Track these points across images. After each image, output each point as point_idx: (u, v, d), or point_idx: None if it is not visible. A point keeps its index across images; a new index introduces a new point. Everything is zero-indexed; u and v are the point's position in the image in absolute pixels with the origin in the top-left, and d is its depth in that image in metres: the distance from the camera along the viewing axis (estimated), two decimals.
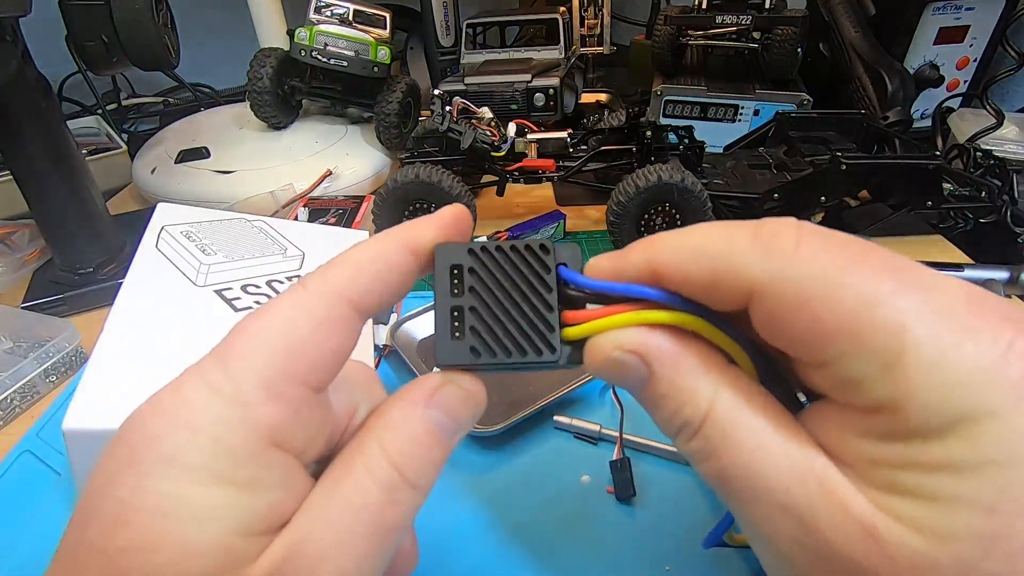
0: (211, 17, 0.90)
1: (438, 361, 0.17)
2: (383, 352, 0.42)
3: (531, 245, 0.18)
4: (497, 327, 0.17)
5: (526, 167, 0.54)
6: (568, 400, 0.37)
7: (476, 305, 0.17)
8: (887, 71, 0.62)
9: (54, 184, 0.47)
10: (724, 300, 0.16)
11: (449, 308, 0.17)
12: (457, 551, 0.30)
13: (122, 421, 0.15)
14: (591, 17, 0.77)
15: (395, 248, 0.18)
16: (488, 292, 0.17)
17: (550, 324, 0.17)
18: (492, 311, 0.17)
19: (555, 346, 0.17)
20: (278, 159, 0.65)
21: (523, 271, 0.18)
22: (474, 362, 0.17)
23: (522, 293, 0.17)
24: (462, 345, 0.17)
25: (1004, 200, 0.49)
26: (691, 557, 0.29)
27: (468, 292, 0.17)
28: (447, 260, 0.17)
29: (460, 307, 0.17)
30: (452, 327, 0.17)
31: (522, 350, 0.17)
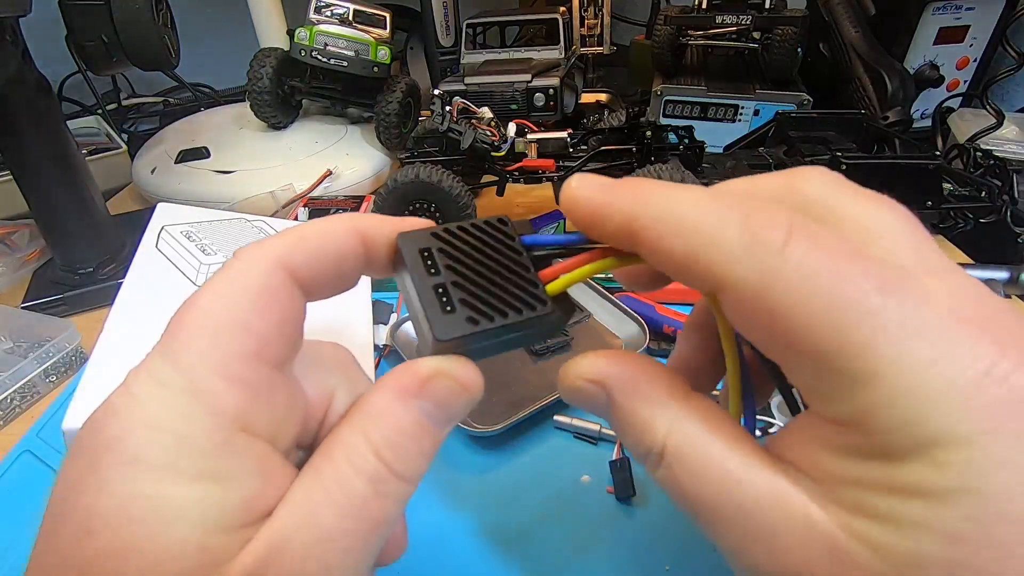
0: (211, 17, 0.90)
1: (437, 337, 0.16)
2: (383, 352, 0.42)
3: (488, 221, 0.18)
4: (485, 294, 0.17)
5: (526, 167, 0.53)
6: None
7: (458, 279, 0.17)
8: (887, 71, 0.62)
9: (54, 184, 0.47)
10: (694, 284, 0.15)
11: (431, 287, 0.17)
12: (457, 551, 0.30)
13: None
14: (591, 17, 0.77)
15: (343, 228, 0.17)
16: (465, 266, 0.17)
17: (532, 281, 0.17)
18: (476, 281, 0.17)
19: (544, 299, 0.17)
20: (278, 159, 0.65)
21: (490, 243, 0.18)
22: (474, 330, 0.16)
23: (497, 261, 0.17)
24: (457, 318, 0.16)
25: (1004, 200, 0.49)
26: (691, 557, 0.29)
27: (446, 269, 0.17)
28: (414, 245, 0.17)
29: (443, 284, 0.17)
30: (442, 304, 0.16)
31: (517, 309, 0.17)
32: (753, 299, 0.14)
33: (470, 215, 0.51)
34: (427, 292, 0.16)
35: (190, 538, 0.14)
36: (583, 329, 0.42)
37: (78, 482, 0.14)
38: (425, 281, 0.17)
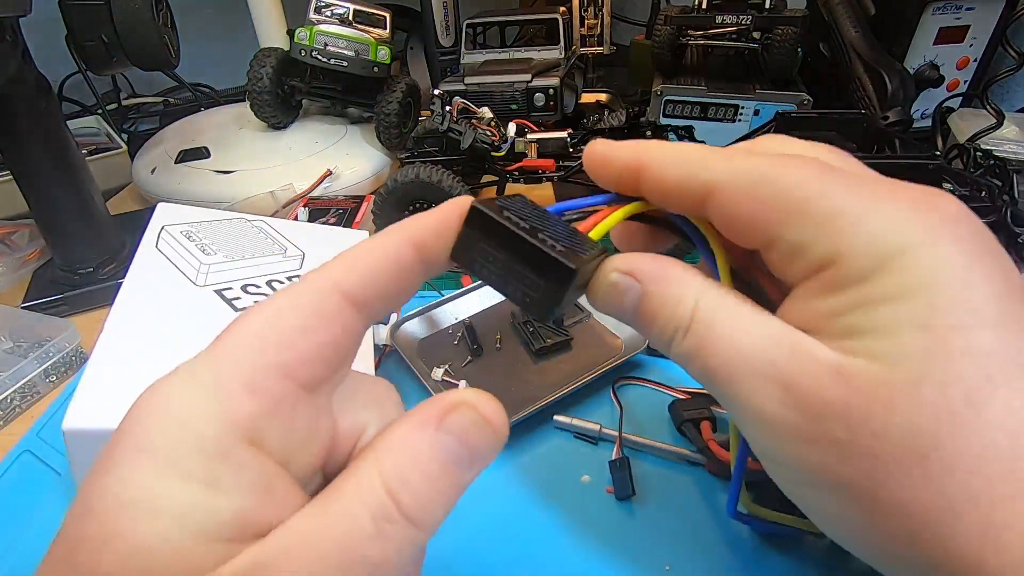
0: (211, 17, 0.90)
1: (574, 267, 0.17)
2: (383, 352, 0.42)
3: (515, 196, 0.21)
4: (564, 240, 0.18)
5: (526, 167, 0.54)
6: (568, 400, 0.37)
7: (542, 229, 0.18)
8: (887, 71, 0.62)
9: (54, 184, 0.47)
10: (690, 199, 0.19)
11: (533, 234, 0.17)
12: (456, 551, 0.30)
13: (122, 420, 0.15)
14: (591, 17, 0.77)
15: (395, 241, 0.17)
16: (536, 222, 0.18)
17: (578, 233, 0.19)
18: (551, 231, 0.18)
19: (595, 244, 0.19)
20: (278, 159, 0.65)
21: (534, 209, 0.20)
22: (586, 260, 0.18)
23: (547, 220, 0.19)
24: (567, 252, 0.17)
25: (1004, 200, 0.49)
26: (691, 557, 0.29)
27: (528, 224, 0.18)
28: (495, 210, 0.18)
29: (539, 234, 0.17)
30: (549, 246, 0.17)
31: (588, 250, 0.19)
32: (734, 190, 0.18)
33: None
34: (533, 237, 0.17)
35: (170, 537, 0.13)
36: (583, 329, 0.42)
37: (98, 465, 0.14)
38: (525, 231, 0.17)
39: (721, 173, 0.18)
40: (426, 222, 0.18)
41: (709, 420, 0.34)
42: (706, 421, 0.34)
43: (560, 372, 0.39)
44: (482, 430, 0.16)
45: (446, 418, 0.15)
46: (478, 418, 0.16)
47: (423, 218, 0.18)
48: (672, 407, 0.36)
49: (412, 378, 0.40)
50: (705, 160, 0.19)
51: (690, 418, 0.34)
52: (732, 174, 0.18)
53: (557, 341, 0.41)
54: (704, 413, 0.34)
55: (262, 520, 0.14)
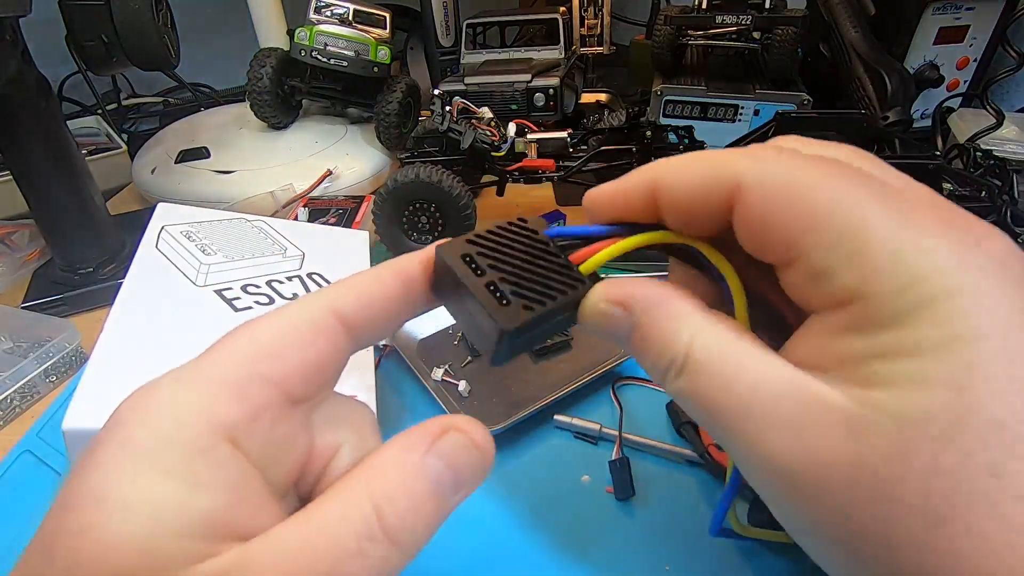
0: (211, 17, 0.90)
1: (503, 328, 0.17)
2: (383, 352, 0.42)
3: (511, 222, 0.19)
4: (532, 283, 0.18)
5: (526, 167, 0.53)
6: (568, 400, 0.37)
7: (504, 275, 0.18)
8: (887, 71, 0.62)
9: (54, 184, 0.47)
10: (713, 203, 0.17)
11: (483, 286, 0.17)
12: (456, 551, 0.30)
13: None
14: (591, 17, 0.77)
15: (388, 271, 0.18)
16: (506, 263, 0.18)
17: (567, 265, 0.19)
18: (520, 274, 0.18)
19: (583, 279, 0.19)
20: (278, 159, 0.65)
21: (520, 239, 0.19)
22: (533, 316, 0.17)
23: (531, 254, 0.19)
24: (513, 308, 0.17)
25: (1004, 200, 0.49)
26: (691, 557, 0.29)
27: (490, 269, 0.18)
28: (455, 253, 0.18)
29: (492, 282, 0.17)
30: (497, 299, 0.17)
31: (562, 291, 0.18)
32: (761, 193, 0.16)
33: (470, 215, 0.51)
34: (481, 291, 0.17)
35: (144, 531, 0.13)
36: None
37: (81, 462, 0.14)
38: (475, 282, 0.17)
39: (748, 172, 0.16)
40: (413, 261, 0.18)
41: None
42: None
43: (560, 372, 0.39)
44: (470, 455, 0.16)
45: (436, 442, 0.16)
46: (468, 443, 0.16)
47: (412, 257, 0.19)
48: (670, 406, 0.36)
49: (412, 378, 0.40)
50: (728, 159, 0.17)
51: (689, 420, 0.34)
52: (761, 173, 0.16)
53: (557, 341, 0.41)
54: None
55: (236, 521, 0.14)
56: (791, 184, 0.16)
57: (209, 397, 0.15)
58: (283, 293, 0.36)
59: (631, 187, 0.19)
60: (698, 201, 0.18)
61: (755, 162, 0.16)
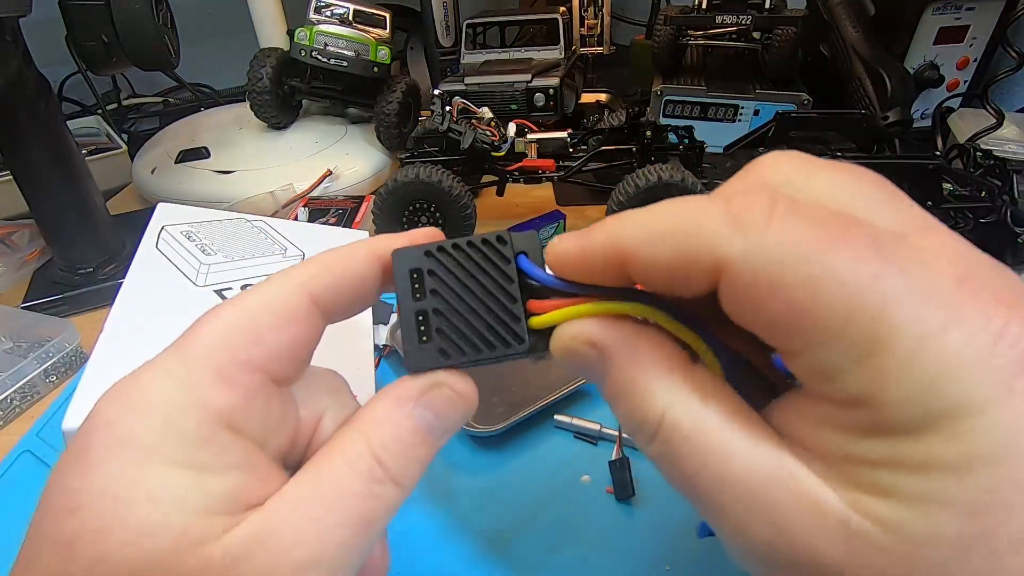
0: (211, 17, 0.90)
1: (408, 369, 0.17)
2: (383, 352, 0.42)
3: (487, 239, 0.18)
4: (463, 325, 0.17)
5: (526, 167, 0.53)
6: (568, 400, 0.37)
7: (439, 307, 0.17)
8: (887, 71, 0.62)
9: (54, 184, 0.47)
10: (692, 281, 0.14)
11: (413, 313, 0.17)
12: (456, 550, 0.30)
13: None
14: (591, 17, 0.77)
15: (362, 252, 0.18)
16: (450, 292, 0.17)
17: (514, 315, 0.17)
18: (456, 310, 0.17)
19: (523, 336, 0.17)
20: (278, 159, 0.65)
21: (482, 266, 0.17)
22: (444, 364, 0.17)
23: (483, 288, 0.17)
24: (430, 348, 0.17)
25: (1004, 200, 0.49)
26: (691, 557, 0.29)
27: (430, 295, 0.17)
28: (405, 265, 0.17)
29: (424, 311, 0.17)
30: (419, 332, 0.17)
31: (490, 345, 0.17)
32: (751, 278, 0.13)
33: (470, 215, 0.51)
34: (408, 318, 0.17)
35: (172, 518, 0.14)
36: None
37: (69, 464, 0.15)
38: (409, 305, 0.17)
39: (729, 249, 0.13)
40: (394, 242, 0.18)
41: None
42: None
43: (560, 372, 0.39)
44: (455, 404, 0.18)
45: (424, 395, 0.17)
46: (453, 395, 0.17)
47: (392, 239, 0.19)
48: None
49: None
50: (704, 228, 0.14)
51: None
52: (749, 255, 0.13)
53: None
54: None
55: (253, 494, 0.15)
56: (787, 266, 0.13)
57: (199, 387, 0.15)
58: None
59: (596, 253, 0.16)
60: (674, 279, 0.15)
61: (741, 236, 0.13)
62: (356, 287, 0.18)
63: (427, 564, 0.30)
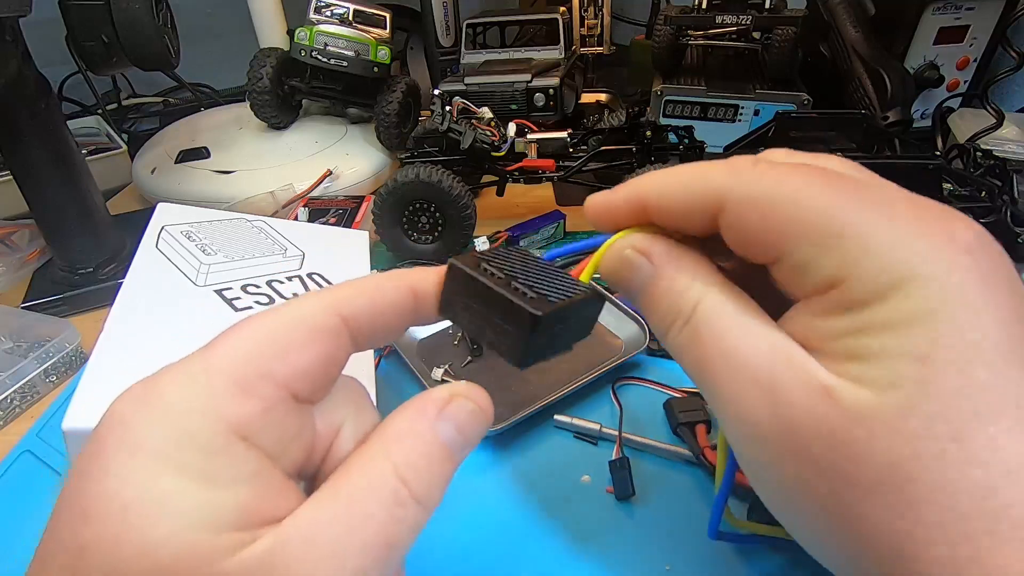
0: (211, 17, 0.90)
1: (537, 314, 0.17)
2: (383, 352, 0.42)
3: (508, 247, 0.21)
4: (543, 287, 0.18)
5: (526, 167, 0.53)
6: (568, 400, 0.37)
7: (516, 283, 0.18)
8: (887, 71, 0.62)
9: (54, 184, 0.47)
10: (699, 216, 0.19)
11: (505, 284, 0.18)
12: (456, 551, 0.30)
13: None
14: (591, 17, 0.77)
15: (398, 282, 0.18)
16: (516, 272, 0.19)
17: (567, 276, 0.20)
18: (530, 281, 0.18)
19: (584, 286, 0.19)
20: (278, 159, 0.65)
21: (522, 258, 0.20)
22: (561, 305, 0.18)
23: (534, 268, 0.19)
24: (540, 300, 0.17)
25: (1004, 200, 0.49)
26: (691, 557, 0.29)
27: (504, 275, 0.18)
28: (472, 264, 0.19)
29: (514, 284, 0.18)
30: (520, 294, 0.18)
31: (576, 293, 0.19)
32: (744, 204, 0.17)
33: (470, 215, 0.51)
34: (507, 289, 0.18)
35: (179, 532, 0.14)
36: None
37: (84, 468, 0.14)
38: (500, 282, 0.18)
39: (727, 188, 0.18)
40: (428, 275, 0.19)
41: (704, 423, 0.34)
42: (701, 424, 0.34)
43: (560, 372, 0.39)
44: (475, 418, 0.18)
45: (445, 409, 0.17)
46: (473, 407, 0.18)
47: (427, 271, 0.19)
48: (667, 405, 0.36)
49: (412, 378, 0.40)
50: (708, 176, 0.18)
51: (685, 421, 0.34)
52: (738, 188, 0.17)
53: None
54: (699, 415, 0.34)
55: (264, 510, 0.15)
56: (769, 195, 0.17)
57: (218, 396, 0.15)
58: (283, 293, 0.36)
59: (621, 200, 0.20)
60: (684, 215, 0.19)
61: (735, 176, 0.18)
62: (389, 314, 0.18)
63: (426, 564, 0.30)
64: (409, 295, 0.18)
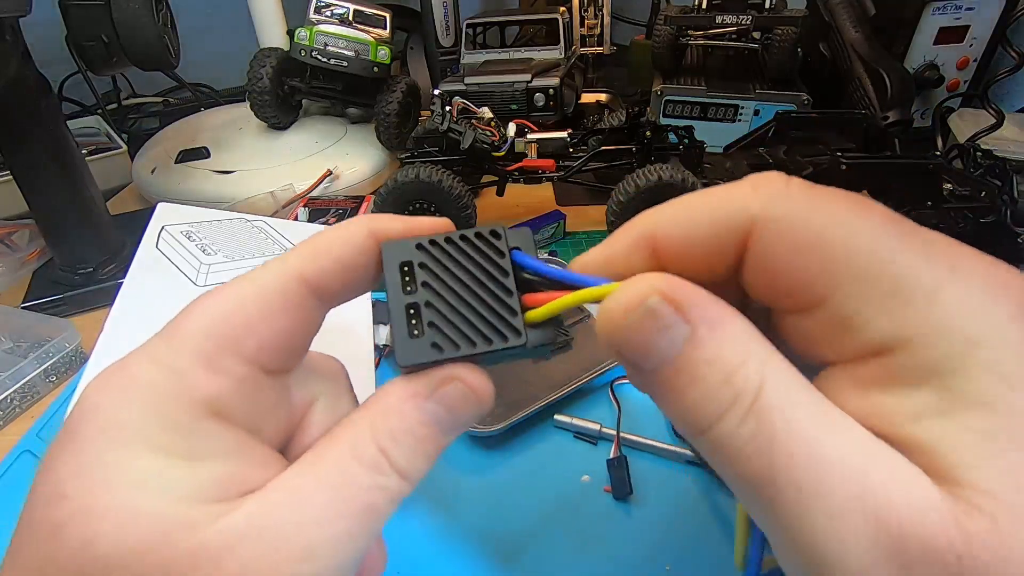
0: (211, 17, 0.90)
1: (399, 363, 0.16)
2: (383, 352, 0.42)
3: (481, 232, 0.17)
4: (456, 319, 0.16)
5: (526, 167, 0.53)
6: (568, 400, 0.37)
7: (431, 299, 0.16)
8: (887, 71, 0.62)
9: (54, 184, 0.47)
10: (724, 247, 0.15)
11: (404, 306, 0.16)
12: (456, 550, 0.30)
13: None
14: (591, 17, 0.77)
15: (359, 233, 0.17)
16: (442, 284, 0.17)
17: (511, 308, 0.17)
18: (449, 303, 0.16)
19: (520, 330, 0.16)
20: (278, 159, 0.65)
21: (476, 259, 0.17)
22: (437, 358, 0.16)
23: (478, 281, 0.17)
24: (422, 343, 0.16)
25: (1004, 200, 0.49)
26: (691, 557, 0.29)
27: (421, 287, 0.16)
28: (396, 257, 0.17)
29: (415, 304, 0.16)
30: (410, 325, 0.16)
31: (486, 339, 0.16)
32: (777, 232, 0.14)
33: (470, 215, 0.51)
34: (399, 311, 0.16)
35: (161, 504, 0.14)
36: (583, 329, 0.42)
37: (57, 451, 0.14)
38: (399, 299, 0.16)
39: (761, 210, 0.14)
40: (391, 222, 0.18)
41: None
42: None
43: (560, 372, 0.39)
44: (467, 400, 0.17)
45: (439, 389, 0.16)
46: (467, 391, 0.17)
47: (391, 217, 0.18)
48: None
49: None
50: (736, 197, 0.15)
51: None
52: (776, 211, 0.14)
53: (559, 342, 0.41)
54: None
55: (246, 479, 0.15)
56: (811, 221, 0.14)
57: (186, 375, 0.15)
58: None
59: (624, 248, 0.16)
60: (707, 248, 0.15)
61: (767, 198, 0.14)
62: (354, 270, 0.17)
63: (426, 563, 0.30)
64: (374, 244, 0.17)
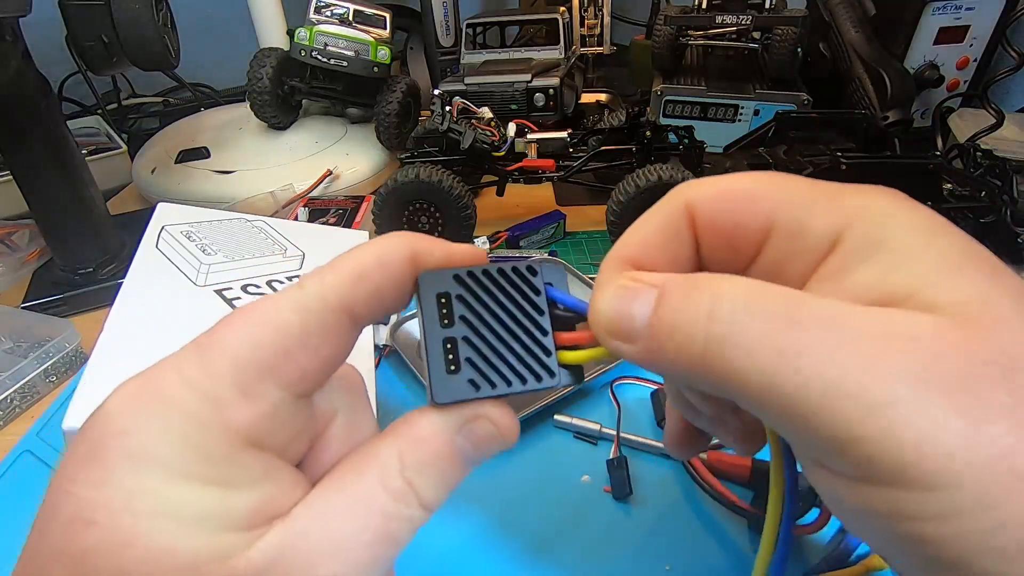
0: (211, 17, 0.90)
1: (436, 400, 0.16)
2: (383, 352, 0.42)
3: (518, 268, 0.17)
4: (493, 356, 0.17)
5: (526, 167, 0.53)
6: (568, 400, 0.37)
7: (469, 335, 0.16)
8: (887, 71, 0.62)
9: (54, 184, 0.47)
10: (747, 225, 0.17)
11: (441, 340, 0.16)
12: (456, 551, 0.30)
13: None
14: (591, 17, 0.77)
15: (400, 260, 0.17)
16: (480, 320, 0.17)
17: (546, 348, 0.17)
18: (486, 340, 0.17)
19: (554, 370, 0.17)
20: (278, 159, 0.65)
21: (513, 294, 0.17)
22: (474, 396, 0.16)
23: (514, 318, 0.17)
24: (459, 379, 0.16)
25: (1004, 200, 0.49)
26: (691, 557, 0.29)
27: (460, 321, 0.16)
28: (433, 288, 0.17)
29: (453, 338, 0.16)
30: (447, 360, 0.16)
31: (521, 378, 0.17)
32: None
33: (470, 215, 0.51)
34: (436, 346, 0.16)
35: (194, 535, 0.14)
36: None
37: (79, 472, 0.14)
38: (436, 332, 0.16)
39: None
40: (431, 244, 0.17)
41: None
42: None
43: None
44: (494, 440, 0.17)
45: (466, 426, 0.17)
46: (494, 431, 0.17)
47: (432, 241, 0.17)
48: (654, 396, 0.36)
49: (412, 378, 0.40)
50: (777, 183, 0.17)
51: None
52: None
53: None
54: None
55: (276, 505, 0.15)
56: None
57: (221, 403, 0.14)
58: None
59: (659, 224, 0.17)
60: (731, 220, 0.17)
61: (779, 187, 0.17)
62: (392, 300, 0.17)
63: (426, 563, 0.30)
64: (414, 268, 0.17)
